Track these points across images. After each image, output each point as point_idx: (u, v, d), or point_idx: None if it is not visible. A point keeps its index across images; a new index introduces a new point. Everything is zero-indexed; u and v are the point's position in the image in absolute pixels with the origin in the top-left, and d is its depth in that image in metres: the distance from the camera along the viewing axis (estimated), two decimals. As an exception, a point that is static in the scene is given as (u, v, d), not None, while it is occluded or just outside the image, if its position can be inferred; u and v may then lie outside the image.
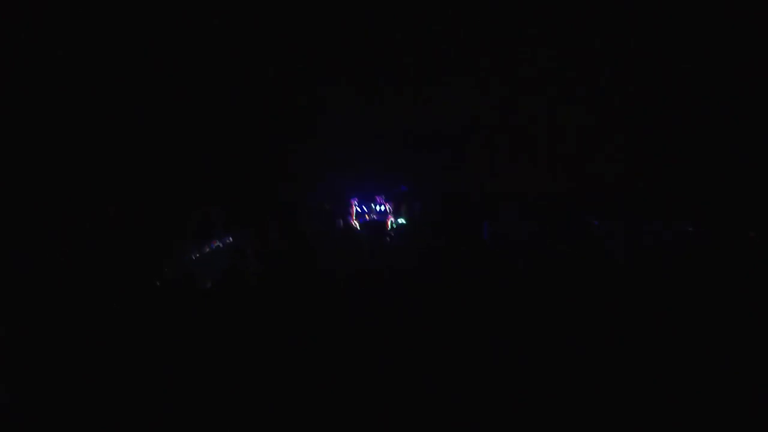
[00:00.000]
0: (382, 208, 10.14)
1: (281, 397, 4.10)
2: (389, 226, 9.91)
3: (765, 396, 3.93)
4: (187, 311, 6.10)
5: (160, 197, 8.51)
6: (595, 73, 8.74)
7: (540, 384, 4.24)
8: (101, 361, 4.74)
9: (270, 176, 9.19)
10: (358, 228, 9.72)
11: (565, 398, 3.98)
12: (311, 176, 9.62)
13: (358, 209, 10.06)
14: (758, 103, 8.46)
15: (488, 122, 9.43)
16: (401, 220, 9.77)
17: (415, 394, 4.04)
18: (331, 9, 8.05)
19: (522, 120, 9.33)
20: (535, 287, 8.22)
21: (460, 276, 7.45)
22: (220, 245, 7.14)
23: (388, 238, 9.45)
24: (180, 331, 5.67)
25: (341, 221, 8.89)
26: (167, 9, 7.71)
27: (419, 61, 8.66)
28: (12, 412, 3.83)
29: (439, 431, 3.62)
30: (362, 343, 5.32)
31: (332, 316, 5.92)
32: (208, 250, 6.89)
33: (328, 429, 3.69)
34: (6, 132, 7.48)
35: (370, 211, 10.09)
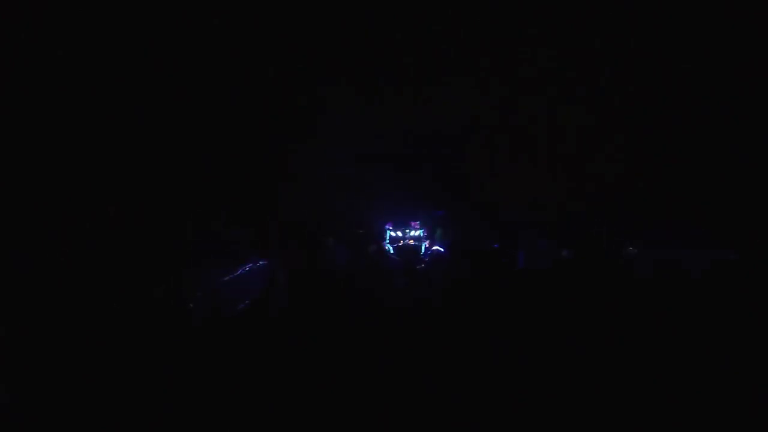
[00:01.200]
0: (417, 233, 10.17)
1: (282, 397, 4.11)
2: (423, 251, 9.92)
3: (765, 396, 3.94)
4: (188, 316, 6.12)
5: (161, 197, 8.51)
6: (595, 73, 8.74)
7: (540, 384, 4.24)
8: (101, 362, 4.74)
9: (275, 178, 9.16)
10: (392, 252, 9.65)
11: (565, 398, 3.99)
12: (339, 197, 9.62)
13: (393, 234, 10.08)
14: (758, 103, 8.46)
15: (488, 122, 9.44)
16: (436, 247, 9.72)
17: (415, 394, 4.05)
18: (331, 9, 8.06)
19: (522, 120, 9.34)
20: (536, 289, 8.22)
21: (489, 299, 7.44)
22: (251, 268, 7.18)
23: (422, 264, 9.41)
24: (180, 332, 5.67)
25: (375, 246, 8.89)
26: (167, 9, 7.72)
27: (419, 61, 8.67)
28: (12, 412, 3.84)
29: (439, 431, 3.63)
30: (374, 346, 5.35)
31: (352, 328, 5.95)
32: (237, 273, 6.91)
33: (328, 429, 3.70)
34: (6, 132, 7.47)
35: (405, 236, 10.13)
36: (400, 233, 10.04)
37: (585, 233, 9.32)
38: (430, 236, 10.06)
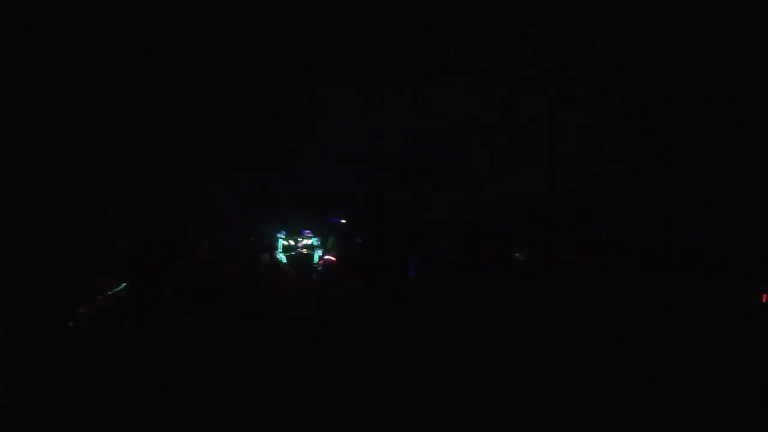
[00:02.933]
0: (309, 241, 9.79)
1: (281, 397, 4.11)
2: (315, 260, 9.61)
3: (765, 396, 3.93)
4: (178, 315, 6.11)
5: (160, 197, 8.50)
6: (595, 73, 8.72)
7: (540, 384, 4.25)
8: (101, 361, 4.74)
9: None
10: (284, 262, 9.43)
11: (564, 398, 3.99)
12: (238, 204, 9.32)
13: (285, 243, 9.74)
14: (758, 103, 8.45)
15: (488, 122, 9.41)
16: (328, 256, 9.49)
17: (415, 393, 4.05)
18: (331, 9, 8.04)
19: (522, 120, 9.31)
20: (535, 289, 8.22)
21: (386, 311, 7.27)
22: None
23: (314, 274, 9.15)
24: (179, 332, 5.68)
25: (267, 255, 8.59)
26: (167, 9, 7.71)
27: (419, 61, 8.64)
28: (12, 412, 3.84)
29: (439, 431, 3.63)
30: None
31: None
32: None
33: (328, 429, 3.70)
34: (6, 132, 7.47)
35: (297, 244, 9.73)
36: (292, 242, 9.76)
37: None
38: (323, 245, 9.77)
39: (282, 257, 9.53)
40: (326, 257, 9.34)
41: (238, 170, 9.09)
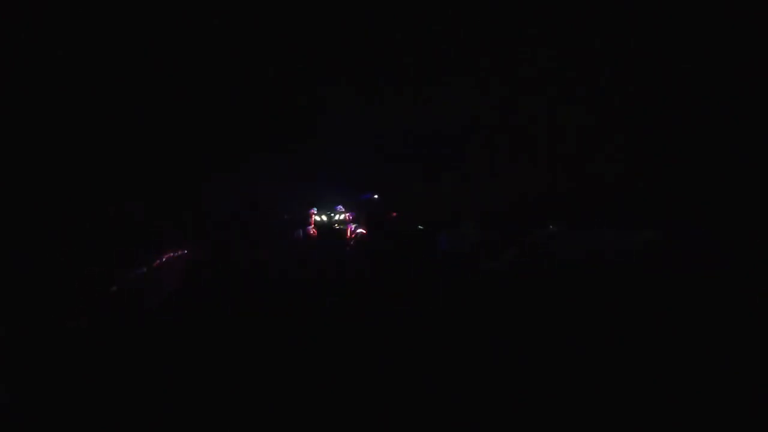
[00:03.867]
0: (342, 216, 9.98)
1: (280, 397, 4.12)
2: (349, 235, 9.78)
3: (765, 396, 3.94)
4: (181, 312, 6.12)
5: (160, 197, 8.51)
6: (595, 73, 8.73)
7: (540, 384, 4.25)
8: (101, 361, 4.75)
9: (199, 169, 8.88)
10: (318, 236, 9.59)
11: (564, 398, 4.00)
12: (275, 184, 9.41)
13: (318, 218, 9.90)
14: (758, 103, 8.46)
15: (488, 122, 9.42)
16: (361, 230, 9.62)
17: (415, 393, 4.06)
18: (331, 9, 8.05)
19: (522, 120, 9.32)
20: (535, 288, 8.22)
21: (416, 284, 7.39)
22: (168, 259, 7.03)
23: (347, 247, 9.28)
24: (178, 331, 5.68)
25: (301, 231, 8.68)
26: (167, 9, 7.72)
27: (419, 61, 8.66)
28: (12, 412, 3.84)
29: (439, 431, 3.64)
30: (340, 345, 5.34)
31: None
32: (160, 261, 6.77)
33: (328, 429, 3.71)
34: (6, 132, 7.47)
35: (330, 220, 9.90)
36: (325, 218, 9.90)
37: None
38: (357, 220, 9.95)
39: (315, 232, 9.64)
40: (358, 231, 9.49)
41: (237, 170, 9.13)
